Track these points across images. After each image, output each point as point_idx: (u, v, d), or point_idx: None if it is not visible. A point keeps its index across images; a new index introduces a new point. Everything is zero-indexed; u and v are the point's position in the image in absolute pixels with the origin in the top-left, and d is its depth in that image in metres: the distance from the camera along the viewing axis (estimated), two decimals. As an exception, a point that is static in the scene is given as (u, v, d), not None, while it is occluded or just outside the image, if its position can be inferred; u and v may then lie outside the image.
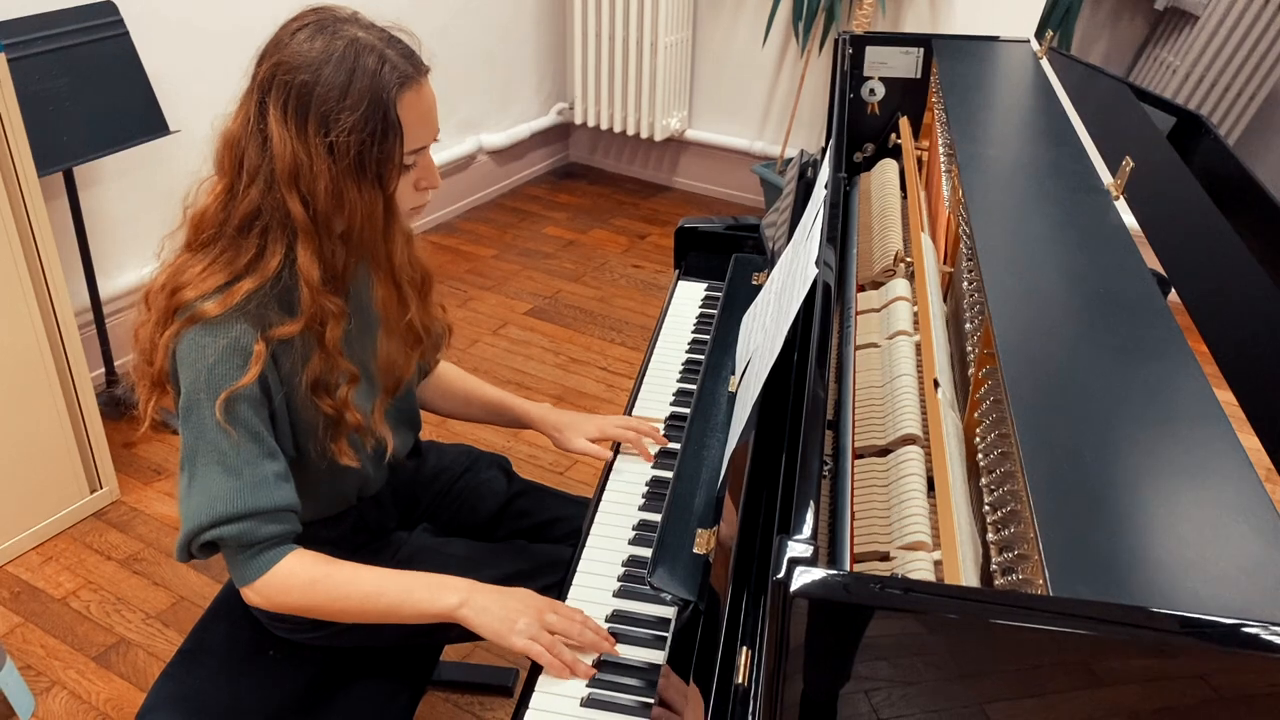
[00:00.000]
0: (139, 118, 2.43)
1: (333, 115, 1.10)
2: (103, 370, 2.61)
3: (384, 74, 1.11)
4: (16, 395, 2.11)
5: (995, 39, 1.87)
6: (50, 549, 2.24)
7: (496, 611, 1.17)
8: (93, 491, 2.33)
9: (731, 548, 1.03)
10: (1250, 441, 0.81)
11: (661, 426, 1.54)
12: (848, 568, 0.86)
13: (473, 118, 3.80)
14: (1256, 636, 0.60)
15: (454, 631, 1.39)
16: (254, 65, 1.15)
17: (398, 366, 1.32)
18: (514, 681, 1.95)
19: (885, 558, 0.91)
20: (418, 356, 1.38)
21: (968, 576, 0.81)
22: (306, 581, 1.18)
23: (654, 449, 1.50)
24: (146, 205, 2.73)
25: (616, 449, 1.51)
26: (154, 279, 1.20)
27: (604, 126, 4.03)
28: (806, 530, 0.73)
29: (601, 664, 1.14)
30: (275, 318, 1.16)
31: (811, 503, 0.77)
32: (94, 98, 2.33)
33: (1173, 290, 1.20)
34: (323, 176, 1.11)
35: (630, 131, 3.98)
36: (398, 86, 1.12)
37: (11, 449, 2.13)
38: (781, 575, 0.64)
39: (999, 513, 0.86)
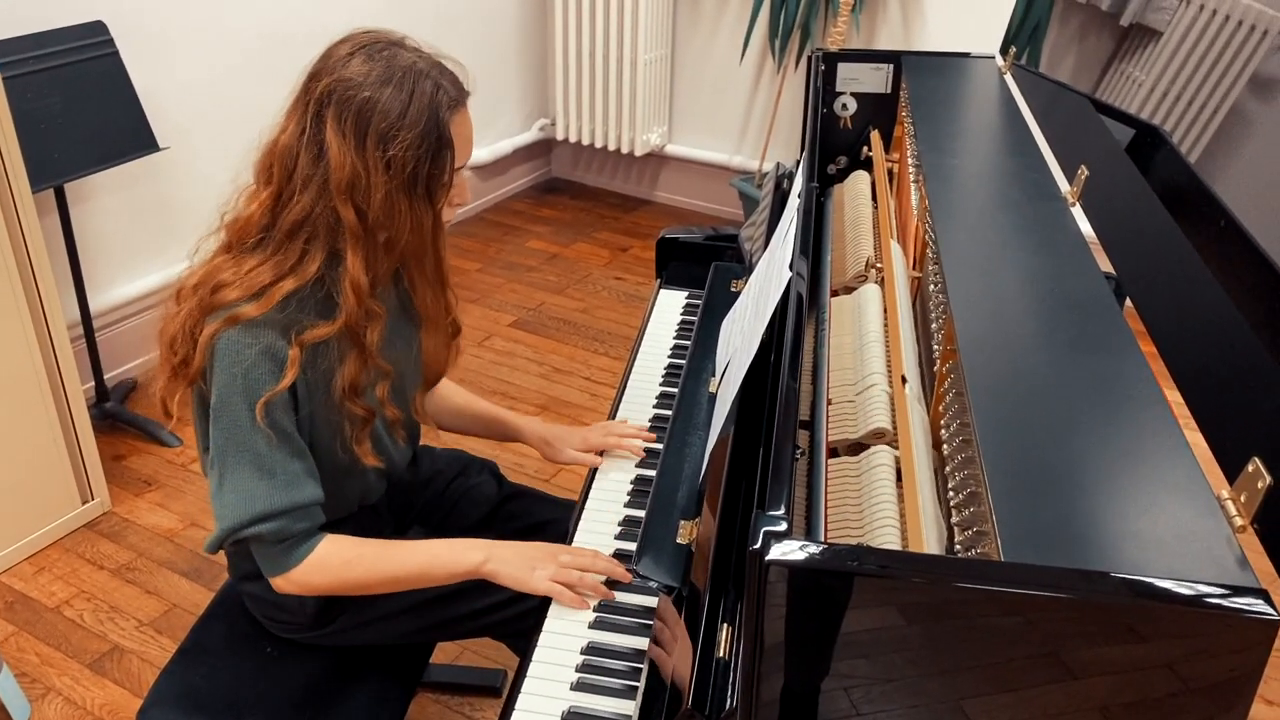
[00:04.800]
0: (129, 135, 2.47)
1: (392, 132, 1.16)
2: (93, 384, 2.64)
3: (439, 97, 1.19)
4: (10, 408, 2.14)
5: (966, 55, 1.94)
6: (43, 559, 2.27)
7: (517, 561, 1.28)
8: (84, 503, 2.37)
9: (712, 535, 1.09)
10: (1196, 438, 0.87)
11: (645, 428, 1.60)
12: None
13: (456, 134, 3.85)
14: (1169, 591, 0.66)
15: (445, 631, 1.45)
16: (305, 80, 1.21)
17: (440, 360, 1.42)
18: (502, 682, 1.99)
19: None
20: (456, 350, 1.47)
21: (931, 553, 0.87)
22: (341, 564, 1.26)
23: (642, 446, 1.55)
24: (136, 221, 2.78)
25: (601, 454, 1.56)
26: (188, 276, 1.24)
27: (585, 142, 4.10)
28: (781, 506, 0.79)
29: (589, 649, 1.19)
30: (309, 321, 1.21)
31: (785, 481, 0.82)
32: (85, 115, 2.38)
33: (1127, 300, 1.26)
34: (379, 189, 1.18)
35: (611, 147, 4.05)
36: (450, 109, 1.20)
37: (4, 461, 2.16)
38: (757, 546, 0.70)
39: (960, 496, 0.92)
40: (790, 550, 0.71)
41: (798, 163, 1.79)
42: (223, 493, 1.21)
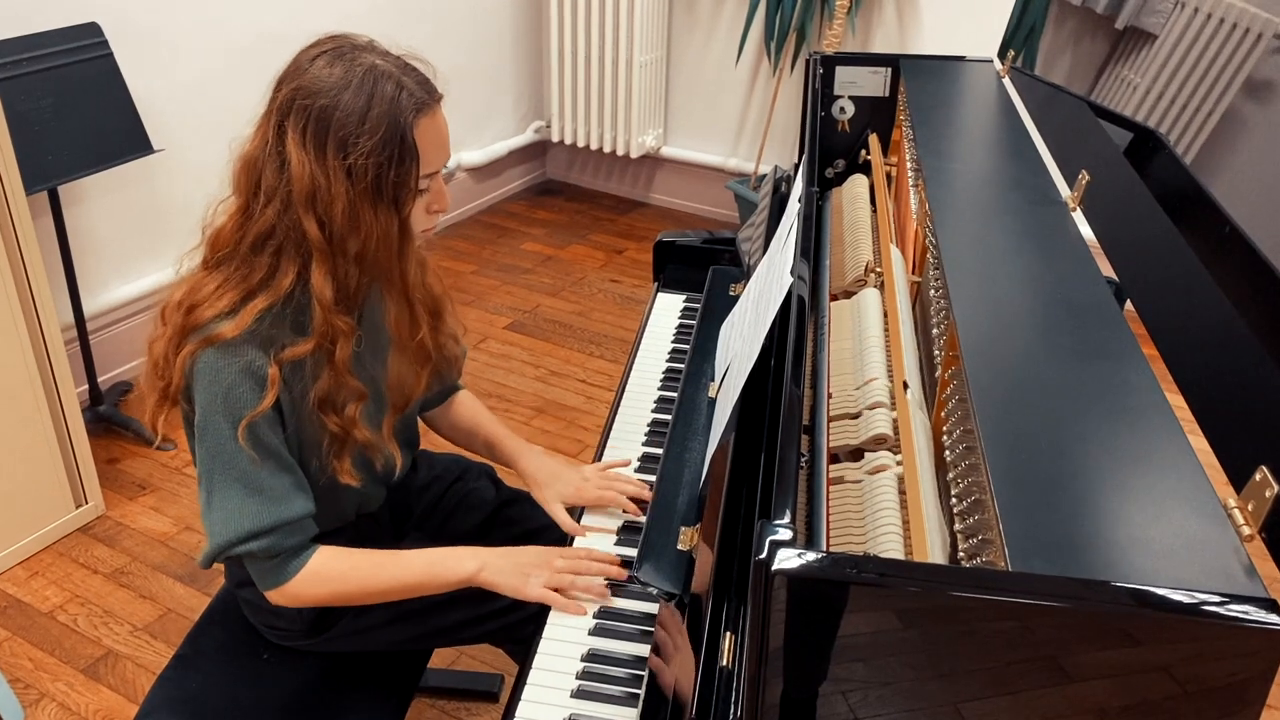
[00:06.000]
0: (123, 137, 2.46)
1: (351, 139, 1.13)
2: (87, 387, 2.63)
3: (401, 100, 1.15)
4: (3, 412, 2.13)
5: (961, 59, 1.94)
6: (36, 563, 2.26)
7: (511, 569, 1.28)
8: (78, 507, 2.35)
9: (713, 542, 1.08)
10: (1199, 443, 0.86)
11: (644, 432, 1.59)
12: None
13: (451, 136, 3.84)
14: (1190, 604, 0.66)
15: (443, 637, 1.44)
16: (272, 89, 1.18)
17: (408, 385, 1.36)
18: (499, 687, 1.98)
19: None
20: (428, 375, 1.39)
21: (936, 562, 0.86)
22: (336, 576, 1.25)
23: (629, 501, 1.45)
24: (130, 223, 2.76)
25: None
26: (170, 295, 1.22)
27: (581, 144, 4.09)
28: (786, 515, 0.78)
29: (590, 656, 1.19)
30: (287, 338, 1.19)
31: (790, 489, 0.82)
32: (78, 117, 2.37)
33: (1128, 301, 1.26)
34: (340, 199, 1.14)
35: (607, 149, 4.04)
36: (414, 112, 1.16)
37: (-2, 464, 2.15)
38: (763, 556, 0.69)
39: (964, 503, 0.91)
40: (797, 560, 0.70)
41: (795, 166, 1.79)
42: (211, 511, 1.20)
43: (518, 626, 1.38)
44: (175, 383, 1.19)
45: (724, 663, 0.93)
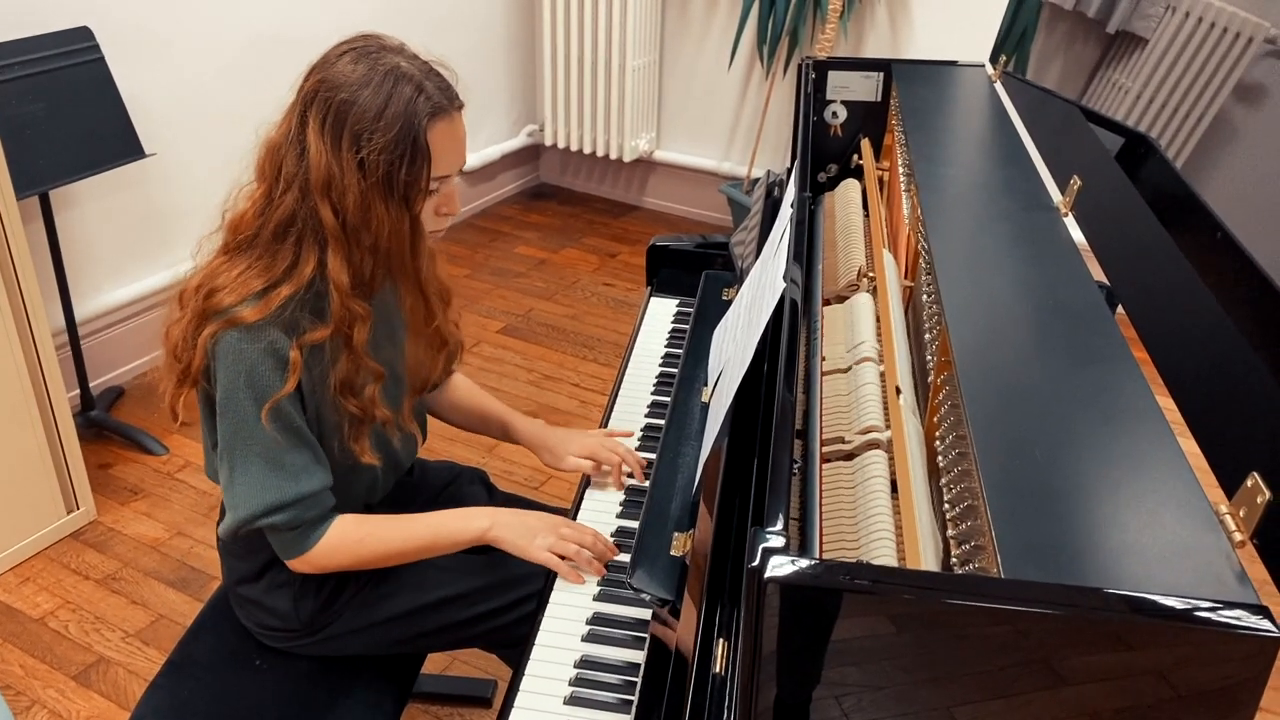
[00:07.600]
0: (114, 141, 2.46)
1: (365, 134, 1.18)
2: (78, 392, 2.62)
3: (418, 103, 1.19)
4: (-6, 416, 2.12)
5: (953, 64, 1.95)
6: (27, 570, 2.25)
7: (519, 529, 1.35)
8: (69, 512, 2.34)
9: (706, 549, 1.08)
10: (1189, 446, 0.87)
11: (638, 436, 1.59)
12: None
13: (444, 140, 3.84)
14: (1189, 612, 0.66)
15: (436, 640, 1.44)
16: (301, 80, 1.23)
17: (424, 367, 1.43)
18: (492, 693, 1.98)
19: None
20: (443, 360, 1.48)
21: (929, 568, 0.86)
22: (355, 541, 1.30)
23: (630, 480, 1.52)
24: (122, 227, 2.75)
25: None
26: (189, 280, 1.26)
27: (574, 148, 4.09)
28: (779, 522, 0.78)
29: (583, 663, 1.18)
30: (307, 323, 1.23)
31: (783, 496, 0.82)
32: (70, 121, 2.36)
33: (1120, 306, 1.26)
34: (352, 190, 1.19)
35: (600, 153, 4.04)
36: (429, 116, 1.20)
37: (-11, 470, 2.14)
38: (756, 563, 0.69)
39: (957, 509, 0.91)
40: (789, 567, 0.70)
41: (788, 170, 1.79)
42: (234, 485, 1.24)
43: (511, 629, 1.38)
44: (196, 363, 1.22)
45: (717, 670, 0.93)
